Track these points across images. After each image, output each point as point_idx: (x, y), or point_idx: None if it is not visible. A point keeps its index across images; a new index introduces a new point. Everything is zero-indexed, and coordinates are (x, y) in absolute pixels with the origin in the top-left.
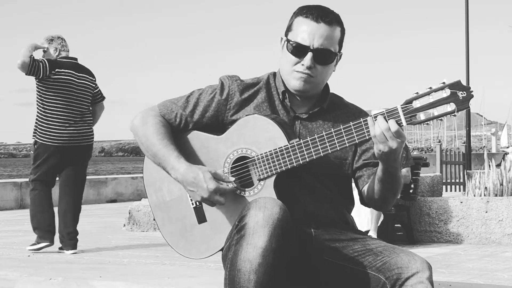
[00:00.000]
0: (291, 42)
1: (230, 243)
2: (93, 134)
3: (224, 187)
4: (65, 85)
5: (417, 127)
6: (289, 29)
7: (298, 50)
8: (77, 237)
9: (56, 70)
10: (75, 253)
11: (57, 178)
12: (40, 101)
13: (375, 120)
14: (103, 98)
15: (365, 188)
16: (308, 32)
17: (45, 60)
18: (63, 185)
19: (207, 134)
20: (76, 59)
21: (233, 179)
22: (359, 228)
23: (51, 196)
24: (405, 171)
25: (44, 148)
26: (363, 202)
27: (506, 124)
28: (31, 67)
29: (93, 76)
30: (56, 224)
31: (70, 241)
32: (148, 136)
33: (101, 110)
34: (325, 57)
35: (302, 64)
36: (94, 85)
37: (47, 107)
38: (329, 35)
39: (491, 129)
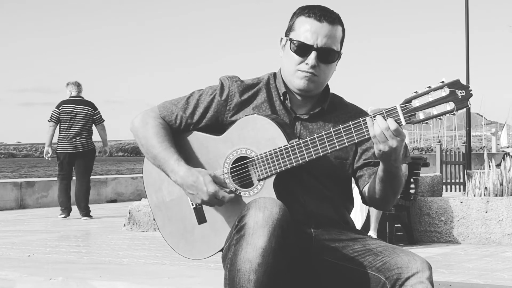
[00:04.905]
0: (294, 42)
1: (230, 243)
2: (90, 144)
3: (224, 190)
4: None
5: (416, 127)
6: (290, 29)
7: (302, 49)
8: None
9: (62, 106)
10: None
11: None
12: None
13: (374, 120)
14: (101, 121)
15: (366, 188)
16: (312, 32)
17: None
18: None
19: (206, 134)
20: (80, 97)
21: (231, 185)
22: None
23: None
24: (403, 167)
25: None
26: (364, 201)
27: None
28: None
29: (91, 107)
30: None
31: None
32: (148, 138)
33: (101, 129)
34: (329, 56)
35: (306, 63)
36: (92, 113)
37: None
38: (332, 34)
39: (491, 129)
